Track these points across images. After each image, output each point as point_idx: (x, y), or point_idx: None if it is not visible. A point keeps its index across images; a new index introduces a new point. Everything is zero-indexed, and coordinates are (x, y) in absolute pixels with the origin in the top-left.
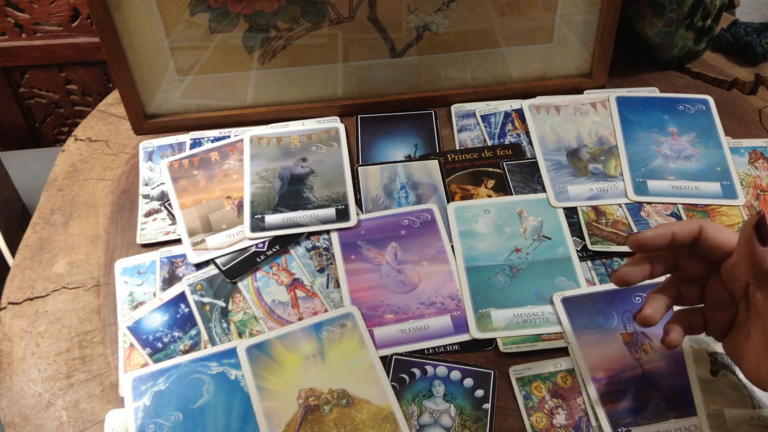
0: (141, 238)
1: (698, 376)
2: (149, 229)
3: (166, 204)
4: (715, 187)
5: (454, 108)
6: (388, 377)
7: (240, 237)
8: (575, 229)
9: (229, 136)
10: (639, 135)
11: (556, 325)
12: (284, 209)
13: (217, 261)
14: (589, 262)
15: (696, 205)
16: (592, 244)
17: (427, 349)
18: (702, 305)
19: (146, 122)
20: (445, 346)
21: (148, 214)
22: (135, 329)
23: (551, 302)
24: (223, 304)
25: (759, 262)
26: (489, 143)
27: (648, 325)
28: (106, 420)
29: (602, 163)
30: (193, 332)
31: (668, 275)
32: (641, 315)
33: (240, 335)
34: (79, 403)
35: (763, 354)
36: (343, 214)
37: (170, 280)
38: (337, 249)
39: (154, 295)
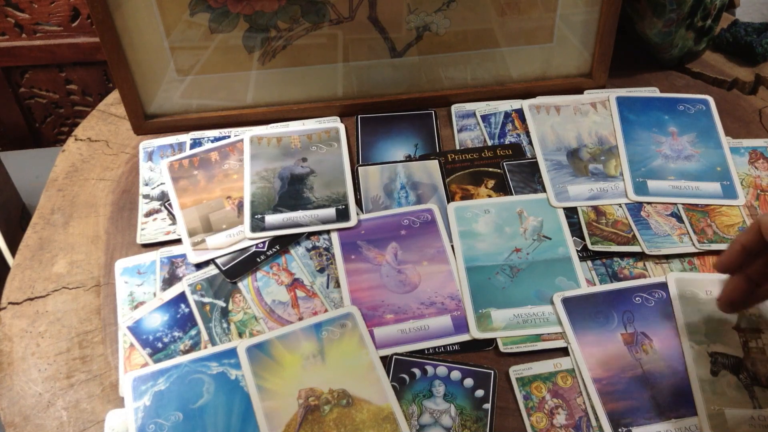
0: (141, 238)
1: (698, 376)
2: (149, 229)
3: (166, 204)
4: (715, 187)
5: (454, 108)
6: (388, 377)
7: (240, 237)
8: (575, 229)
9: (229, 136)
10: (639, 135)
11: (556, 325)
12: (284, 209)
13: (217, 261)
14: (589, 262)
15: (696, 205)
16: (592, 244)
17: (427, 349)
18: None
19: (146, 122)
20: (445, 346)
21: (148, 214)
22: (135, 329)
23: (551, 302)
24: (223, 304)
25: None
26: (489, 143)
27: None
28: (107, 420)
29: (602, 163)
30: (193, 332)
31: None
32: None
33: (240, 335)
34: (79, 403)
35: None
36: (343, 214)
37: (170, 280)
38: (337, 249)
39: (154, 295)
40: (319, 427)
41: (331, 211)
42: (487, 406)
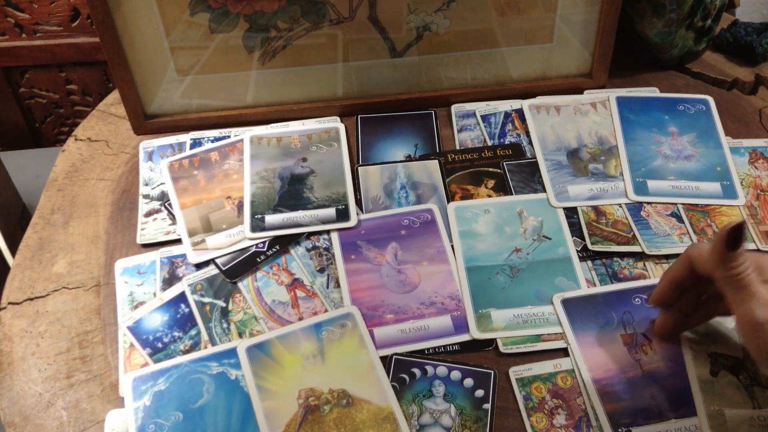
0: (141, 238)
1: (698, 376)
2: (149, 229)
3: (166, 204)
4: (715, 187)
5: (454, 108)
6: (388, 377)
7: (240, 237)
8: (575, 229)
9: (229, 136)
10: (639, 135)
11: (556, 326)
12: (284, 209)
13: (217, 261)
14: (589, 262)
15: (696, 205)
16: (592, 244)
17: (427, 349)
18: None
19: (146, 122)
20: (445, 346)
21: (148, 214)
22: (135, 329)
23: (551, 303)
24: (223, 304)
25: (721, 259)
26: (489, 143)
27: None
28: (107, 420)
29: (602, 163)
30: (193, 332)
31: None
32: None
33: (240, 335)
34: (79, 403)
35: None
36: (343, 214)
37: (170, 280)
38: (337, 249)
39: (154, 295)
40: (319, 427)
41: (331, 211)
42: (487, 406)
